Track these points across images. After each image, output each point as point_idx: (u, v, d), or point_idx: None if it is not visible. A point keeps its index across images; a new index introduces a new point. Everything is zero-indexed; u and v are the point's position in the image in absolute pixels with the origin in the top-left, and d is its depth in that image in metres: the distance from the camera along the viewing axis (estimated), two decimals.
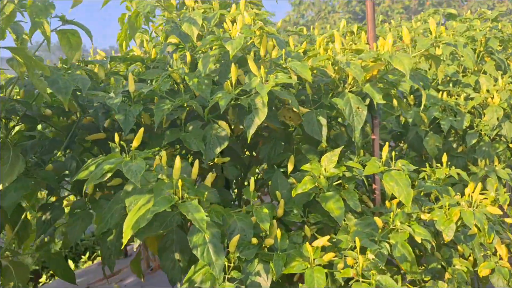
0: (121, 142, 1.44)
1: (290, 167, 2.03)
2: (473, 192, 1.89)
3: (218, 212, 1.48)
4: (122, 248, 1.43)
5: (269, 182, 1.96)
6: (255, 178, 2.33)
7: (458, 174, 2.56)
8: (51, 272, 4.67)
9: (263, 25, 1.69)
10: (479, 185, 1.87)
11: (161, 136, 1.76)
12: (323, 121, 1.84)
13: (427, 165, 3.71)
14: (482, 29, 3.60)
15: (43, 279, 4.63)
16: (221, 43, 1.63)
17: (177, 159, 1.36)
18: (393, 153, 1.88)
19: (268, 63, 1.79)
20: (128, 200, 1.35)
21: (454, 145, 3.63)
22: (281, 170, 2.15)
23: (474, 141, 3.31)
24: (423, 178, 2.42)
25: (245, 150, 2.28)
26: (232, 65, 1.63)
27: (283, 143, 2.11)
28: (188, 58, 1.82)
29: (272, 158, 2.09)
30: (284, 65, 1.68)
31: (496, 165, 3.19)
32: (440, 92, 3.43)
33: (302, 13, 31.55)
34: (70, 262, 5.03)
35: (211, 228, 1.39)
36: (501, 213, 1.89)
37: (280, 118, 2.02)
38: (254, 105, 1.58)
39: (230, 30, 1.69)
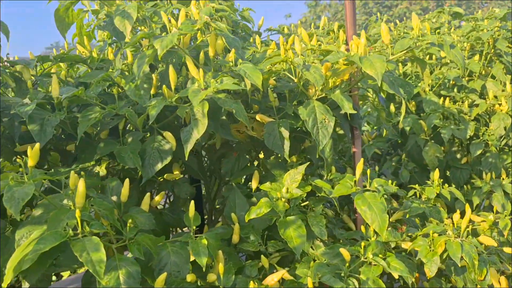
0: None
1: (254, 184, 1.77)
2: (465, 217, 1.60)
3: (144, 243, 1.23)
4: None
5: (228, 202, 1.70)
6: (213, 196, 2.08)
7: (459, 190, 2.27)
8: None
9: (209, 20, 1.43)
10: (469, 210, 1.59)
11: (96, 149, 1.52)
12: (285, 133, 1.57)
13: (431, 176, 3.43)
14: (489, 29, 3.28)
15: None
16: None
17: (81, 182, 1.11)
18: (368, 171, 1.60)
19: (220, 66, 1.54)
20: (19, 233, 1.11)
21: (458, 156, 3.33)
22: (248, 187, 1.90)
23: (479, 152, 3.00)
24: (415, 196, 2.14)
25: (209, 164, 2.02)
26: (170, 67, 1.38)
27: (248, 156, 1.85)
28: (130, 58, 1.58)
29: (235, 173, 1.83)
30: (233, 68, 1.43)
31: (503, 179, 2.88)
32: (442, 98, 3.13)
33: (319, 15, 31.30)
34: None
35: (129, 266, 1.14)
36: (496, 244, 1.60)
37: (241, 129, 1.77)
38: (193, 115, 1.33)
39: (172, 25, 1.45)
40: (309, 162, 1.70)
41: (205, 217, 2.27)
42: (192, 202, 1.39)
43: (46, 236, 1.01)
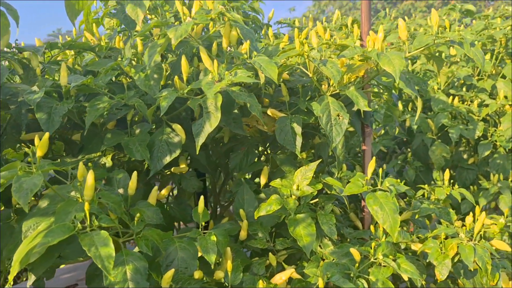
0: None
1: (263, 180, 1.74)
2: (479, 220, 1.57)
3: (152, 238, 1.20)
4: (9, 285, 1.17)
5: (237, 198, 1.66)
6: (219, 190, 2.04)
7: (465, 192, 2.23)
8: None
9: (224, 10, 1.39)
10: (483, 213, 1.55)
11: (103, 139, 1.48)
12: (298, 129, 1.54)
13: (437, 176, 3.38)
14: (502, 27, 3.23)
15: None
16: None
17: (90, 174, 1.08)
18: (380, 170, 1.57)
19: (233, 57, 1.50)
20: (26, 224, 1.08)
21: (465, 156, 3.29)
22: (255, 182, 1.87)
23: (487, 153, 2.96)
24: (422, 196, 2.10)
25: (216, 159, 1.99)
26: (183, 57, 1.34)
27: (257, 151, 1.81)
28: (140, 47, 1.54)
29: (244, 168, 1.80)
30: (248, 61, 1.39)
31: (511, 181, 2.84)
32: (451, 97, 3.09)
33: (323, 9, 31.13)
34: None
35: (136, 261, 1.11)
36: (509, 249, 1.57)
37: (252, 123, 1.73)
38: (206, 108, 1.29)
39: (185, 14, 1.40)
40: (320, 159, 1.67)
41: (209, 211, 2.24)
42: (202, 197, 1.36)
43: (54, 229, 0.97)
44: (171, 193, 2.26)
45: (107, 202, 1.15)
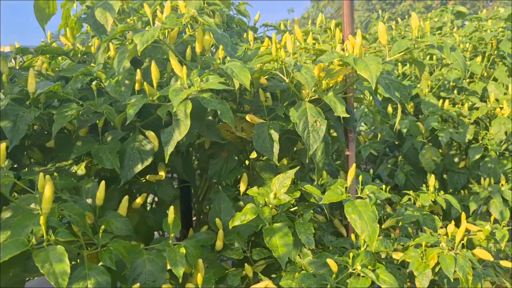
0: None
1: (242, 187, 1.70)
2: (460, 229, 1.53)
3: (117, 251, 1.16)
4: None
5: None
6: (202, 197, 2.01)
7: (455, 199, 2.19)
8: None
9: (196, 14, 1.35)
10: (464, 222, 1.51)
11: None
12: (275, 135, 1.50)
13: (429, 179, 3.34)
14: (493, 29, 3.20)
15: None
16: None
17: (48, 185, 1.04)
18: (360, 177, 1.53)
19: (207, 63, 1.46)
20: None
21: (456, 159, 3.25)
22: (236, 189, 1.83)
23: (478, 156, 2.93)
24: (409, 201, 2.06)
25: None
26: (153, 63, 1.30)
27: (237, 157, 1.78)
28: (112, 52, 1.50)
29: (223, 175, 1.76)
30: (220, 66, 1.35)
31: (502, 185, 2.80)
32: (441, 100, 3.05)
33: (321, 10, 31.18)
34: None
35: (99, 276, 1.07)
36: (491, 259, 1.53)
37: (231, 129, 1.69)
38: (175, 115, 1.25)
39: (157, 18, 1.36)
40: (299, 166, 1.63)
41: (193, 219, 2.20)
42: (172, 207, 1.31)
43: (7, 244, 0.93)
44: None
45: (69, 214, 1.11)
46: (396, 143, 3.37)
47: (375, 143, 3.11)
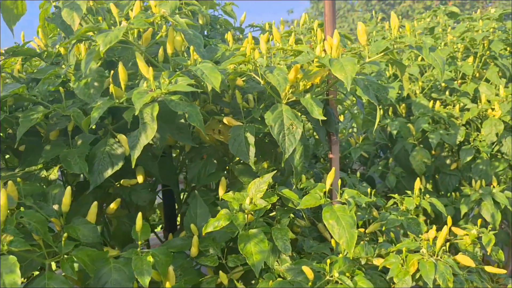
0: None
1: (220, 192, 1.65)
2: (441, 234, 1.48)
3: (80, 259, 1.11)
4: None
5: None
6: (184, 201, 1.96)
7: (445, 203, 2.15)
8: None
9: (166, 14, 1.31)
10: (445, 227, 1.47)
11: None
12: (251, 139, 1.46)
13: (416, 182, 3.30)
14: (484, 30, 3.16)
15: None
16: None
17: (2, 193, 1.00)
18: (339, 182, 1.49)
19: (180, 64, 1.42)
20: None
21: (448, 161, 3.21)
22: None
23: (469, 158, 2.89)
24: (394, 205, 2.02)
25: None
26: (120, 64, 1.26)
27: (216, 161, 1.73)
28: (83, 53, 1.46)
29: (202, 179, 1.72)
30: (190, 68, 1.30)
31: (493, 187, 2.75)
32: (432, 101, 3.01)
33: (321, 11, 31.14)
34: None
35: (59, 285, 1.03)
36: (473, 265, 1.49)
37: (207, 132, 1.65)
38: (142, 118, 1.21)
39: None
40: (275, 170, 1.59)
41: (178, 225, 2.16)
42: (140, 214, 1.27)
43: None
44: None
45: (29, 221, 1.07)
46: (388, 144, 3.33)
47: (366, 145, 3.07)
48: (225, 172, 1.79)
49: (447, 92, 3.24)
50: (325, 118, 1.37)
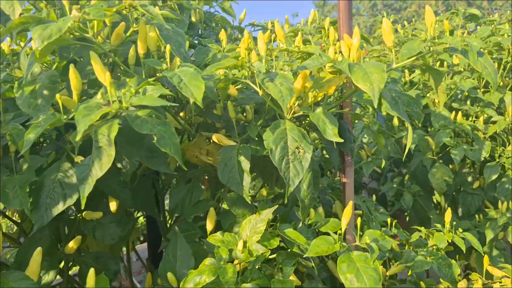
0: None
1: (209, 226, 1.33)
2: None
3: None
4: None
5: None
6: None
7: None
8: None
9: (136, 3, 1.00)
10: (479, 280, 1.15)
11: None
12: (246, 164, 1.14)
13: (438, 201, 2.97)
14: (510, 34, 2.83)
15: None
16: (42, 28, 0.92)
17: None
18: (359, 220, 1.16)
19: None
20: None
21: (469, 179, 2.88)
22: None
23: (494, 177, 2.55)
24: (421, 239, 1.69)
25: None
26: (71, 68, 0.94)
27: (203, 186, 1.42)
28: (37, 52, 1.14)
29: (186, 208, 1.40)
30: (165, 74, 0.99)
31: None
32: (454, 112, 2.69)
33: (326, 15, 30.98)
34: None
35: None
36: None
37: (194, 152, 1.33)
38: (96, 141, 0.89)
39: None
40: (278, 198, 1.27)
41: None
42: (91, 270, 0.95)
43: None
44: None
45: None
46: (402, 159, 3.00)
47: (379, 158, 2.74)
48: (216, 201, 1.47)
49: (468, 102, 2.91)
50: (342, 141, 1.05)
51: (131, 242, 2.03)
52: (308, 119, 1.28)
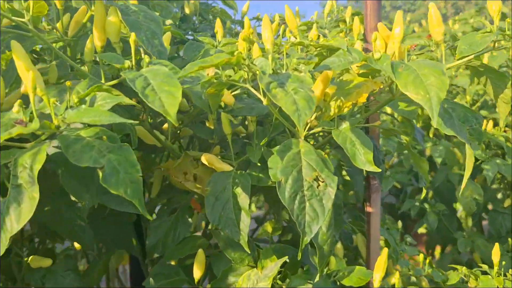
0: None
1: (197, 273, 1.02)
2: None
3: None
4: None
5: None
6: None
7: None
8: None
9: None
10: None
11: None
12: (244, 199, 0.83)
13: (463, 221, 2.67)
14: None
15: None
16: None
17: None
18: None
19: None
20: None
21: (499, 196, 2.57)
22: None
23: None
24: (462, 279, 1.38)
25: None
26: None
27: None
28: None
29: (169, 247, 1.10)
30: (127, 75, 0.68)
31: None
32: (484, 121, 2.37)
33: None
34: None
35: None
36: None
37: (175, 177, 1.03)
38: (15, 176, 0.59)
39: None
40: (290, 236, 0.97)
41: None
42: None
43: None
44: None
45: None
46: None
47: (399, 173, 2.43)
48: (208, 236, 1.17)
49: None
50: (380, 170, 0.74)
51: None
52: (326, 137, 0.98)
